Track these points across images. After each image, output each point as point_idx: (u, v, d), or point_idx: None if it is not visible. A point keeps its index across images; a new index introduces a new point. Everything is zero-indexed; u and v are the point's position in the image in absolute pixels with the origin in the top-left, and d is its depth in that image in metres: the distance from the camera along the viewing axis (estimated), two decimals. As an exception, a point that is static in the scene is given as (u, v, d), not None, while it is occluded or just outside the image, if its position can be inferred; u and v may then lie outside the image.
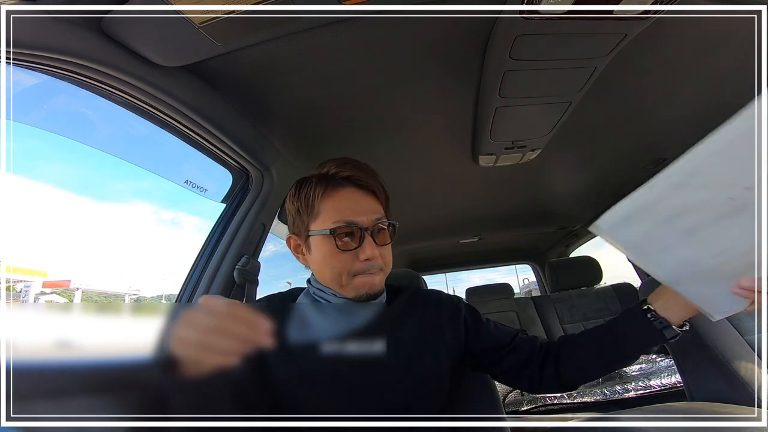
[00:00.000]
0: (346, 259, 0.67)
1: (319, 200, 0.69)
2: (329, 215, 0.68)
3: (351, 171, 0.70)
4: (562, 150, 1.40)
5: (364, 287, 0.68)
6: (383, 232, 0.70)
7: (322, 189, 0.69)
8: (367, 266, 0.67)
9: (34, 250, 15.42)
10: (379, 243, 0.69)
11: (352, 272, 0.67)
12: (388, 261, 0.71)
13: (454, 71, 0.93)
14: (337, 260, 0.67)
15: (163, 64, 0.75)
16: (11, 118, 0.66)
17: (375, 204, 0.70)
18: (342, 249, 0.66)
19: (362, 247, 0.66)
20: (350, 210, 0.67)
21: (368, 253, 0.66)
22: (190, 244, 1.51)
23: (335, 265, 0.68)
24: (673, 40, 0.88)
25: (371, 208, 0.69)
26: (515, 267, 4.37)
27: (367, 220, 0.67)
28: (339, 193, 0.69)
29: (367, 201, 0.70)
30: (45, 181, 11.94)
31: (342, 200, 0.68)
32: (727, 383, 0.79)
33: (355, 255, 0.66)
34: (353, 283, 0.68)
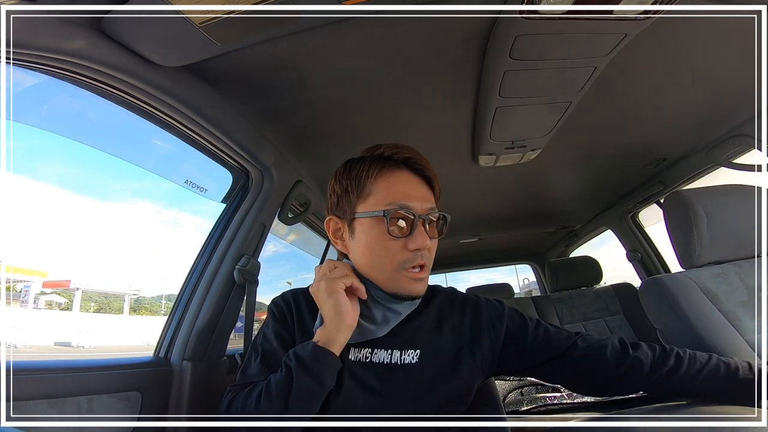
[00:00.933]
0: (394, 247, 0.62)
1: (372, 180, 0.65)
2: (382, 197, 0.63)
3: (409, 153, 0.67)
4: (562, 150, 1.40)
5: (410, 286, 0.64)
6: (434, 224, 0.66)
7: (377, 169, 0.65)
8: (414, 257, 0.62)
9: (34, 250, 15.49)
10: (430, 235, 0.65)
11: (398, 263, 0.63)
12: (432, 258, 0.67)
13: (454, 71, 0.93)
14: (383, 247, 0.63)
15: (163, 64, 0.75)
16: (11, 118, 0.66)
17: (429, 192, 0.67)
18: (393, 235, 0.62)
19: (413, 235, 0.62)
20: (405, 194, 0.63)
21: (419, 242, 0.61)
22: (190, 244, 1.51)
23: (381, 253, 0.63)
24: (673, 40, 0.88)
25: (425, 196, 0.66)
26: (515, 267, 4.37)
27: (420, 207, 0.63)
28: (395, 175, 0.65)
29: (423, 188, 0.66)
30: (46, 181, 11.93)
31: (397, 182, 0.64)
32: (727, 383, 0.78)
33: (404, 243, 0.62)
34: (399, 279, 0.63)
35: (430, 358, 0.64)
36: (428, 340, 0.66)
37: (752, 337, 0.82)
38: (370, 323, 0.65)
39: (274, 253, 1.86)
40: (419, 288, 0.65)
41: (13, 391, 0.61)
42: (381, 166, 0.66)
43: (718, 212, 0.94)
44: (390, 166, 0.66)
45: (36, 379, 0.67)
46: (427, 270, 0.66)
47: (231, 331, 1.06)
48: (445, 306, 0.72)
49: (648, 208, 1.99)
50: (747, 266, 0.92)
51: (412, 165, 0.67)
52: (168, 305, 5.31)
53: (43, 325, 8.27)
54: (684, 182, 1.61)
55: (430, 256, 0.66)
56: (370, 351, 0.65)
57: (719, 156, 1.37)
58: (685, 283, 0.90)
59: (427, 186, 0.68)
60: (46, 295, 8.92)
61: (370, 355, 0.64)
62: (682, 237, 0.96)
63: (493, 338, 0.68)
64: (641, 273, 2.11)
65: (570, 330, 0.72)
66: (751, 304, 0.86)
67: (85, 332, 7.97)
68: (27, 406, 0.65)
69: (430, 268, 0.67)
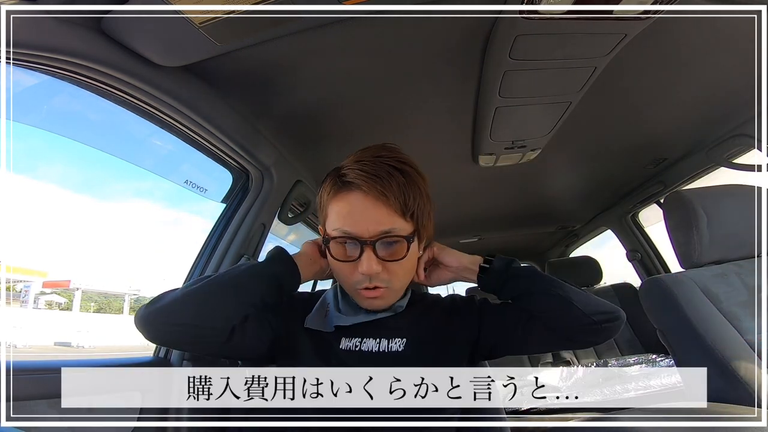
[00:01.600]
0: (347, 268, 0.64)
1: (327, 202, 0.66)
2: (332, 221, 0.65)
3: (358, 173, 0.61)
4: (562, 150, 1.40)
5: (364, 303, 0.67)
6: (394, 246, 0.63)
7: (333, 190, 0.65)
8: (365, 281, 0.63)
9: (34, 250, 15.51)
10: (386, 257, 0.63)
11: (352, 283, 0.66)
12: (397, 276, 0.65)
13: (454, 71, 0.93)
14: (338, 268, 0.66)
15: (163, 64, 0.74)
16: (11, 118, 0.66)
17: (385, 214, 0.61)
18: (338, 259, 0.64)
19: (360, 260, 0.62)
20: (351, 220, 0.62)
21: (364, 267, 0.61)
22: (190, 245, 1.51)
23: (338, 273, 0.68)
24: (673, 40, 0.88)
25: (376, 219, 0.61)
26: (515, 267, 4.36)
27: (368, 231, 0.61)
28: (344, 199, 0.63)
29: (375, 210, 0.61)
30: (46, 181, 12.00)
31: (345, 206, 0.63)
32: (727, 383, 0.78)
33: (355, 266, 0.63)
34: (357, 295, 0.67)
35: (416, 347, 0.67)
36: (414, 330, 0.69)
37: (752, 337, 0.82)
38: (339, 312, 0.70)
39: (274, 253, 1.86)
40: (377, 304, 0.67)
41: (13, 391, 0.61)
42: (337, 189, 0.64)
43: (718, 212, 0.94)
44: (343, 188, 0.63)
45: (36, 379, 0.67)
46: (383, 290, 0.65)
47: (231, 331, 1.06)
48: (431, 305, 0.77)
49: (648, 208, 1.99)
50: (747, 266, 0.92)
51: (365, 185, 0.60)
52: (168, 305, 5.27)
53: (43, 325, 8.27)
54: (684, 182, 1.61)
55: (388, 278, 0.64)
56: (360, 340, 0.67)
57: (719, 156, 1.37)
58: (685, 283, 0.90)
59: (384, 205, 0.61)
60: (46, 295, 8.92)
61: (359, 344, 0.67)
62: (682, 237, 0.96)
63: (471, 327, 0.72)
64: (641, 273, 2.11)
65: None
66: (751, 304, 0.86)
67: (85, 332, 7.97)
68: (27, 406, 0.65)
69: (397, 286, 0.67)
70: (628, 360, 1.75)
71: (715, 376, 0.81)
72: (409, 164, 0.66)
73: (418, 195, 0.64)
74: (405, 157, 0.67)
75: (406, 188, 0.62)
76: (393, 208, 0.61)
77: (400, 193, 0.61)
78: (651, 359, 1.70)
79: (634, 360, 1.73)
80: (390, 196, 0.60)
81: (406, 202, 0.62)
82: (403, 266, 0.66)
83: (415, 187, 0.64)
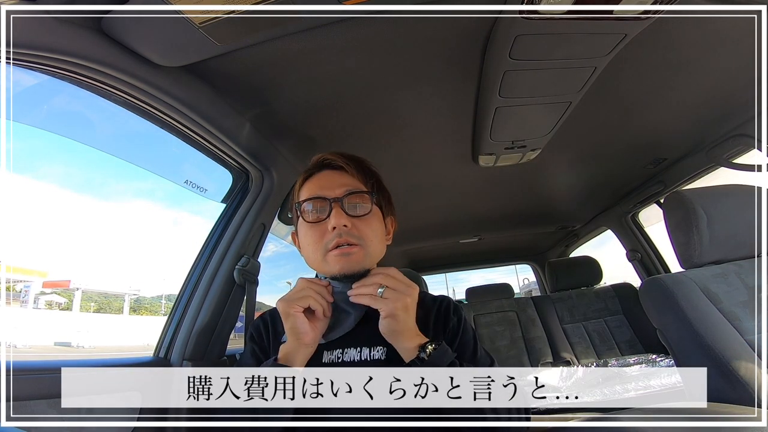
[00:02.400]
0: (317, 232, 0.68)
1: (299, 189, 0.74)
2: (303, 195, 0.72)
3: (322, 159, 0.73)
4: (562, 150, 1.40)
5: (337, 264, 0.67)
6: (360, 204, 0.69)
7: (303, 178, 0.75)
8: (336, 237, 0.66)
9: (34, 250, 15.51)
10: (353, 213, 0.68)
11: (323, 246, 0.67)
12: (366, 235, 0.68)
13: (454, 71, 0.93)
14: (309, 236, 0.69)
15: (163, 64, 0.75)
16: (11, 118, 0.66)
17: (347, 179, 0.71)
18: (310, 221, 0.69)
19: (329, 218, 0.67)
20: (319, 187, 0.70)
21: (333, 221, 0.66)
22: (190, 245, 1.51)
23: (308, 242, 0.69)
24: (673, 40, 0.88)
25: (341, 182, 0.70)
26: (515, 267, 4.37)
27: (334, 192, 0.68)
28: (314, 177, 0.73)
29: (341, 177, 0.71)
30: (47, 181, 11.98)
31: (314, 182, 0.72)
32: (727, 383, 0.78)
33: (326, 227, 0.67)
34: (329, 261, 0.67)
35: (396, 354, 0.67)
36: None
37: (752, 337, 0.82)
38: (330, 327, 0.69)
39: (274, 253, 1.86)
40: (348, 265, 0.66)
41: (13, 391, 0.61)
42: (306, 176, 0.74)
43: (718, 212, 0.94)
44: (311, 171, 0.74)
45: (36, 379, 0.67)
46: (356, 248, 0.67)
47: (231, 332, 1.06)
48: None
49: (648, 208, 1.99)
50: (747, 266, 0.92)
51: (329, 163, 0.72)
52: (168, 305, 5.31)
53: (43, 325, 8.27)
54: (684, 182, 1.61)
55: (361, 234, 0.67)
56: (341, 351, 0.68)
57: (719, 156, 1.37)
58: (685, 283, 0.90)
59: (345, 173, 0.71)
60: (46, 295, 8.93)
61: (341, 355, 0.68)
62: (682, 237, 0.96)
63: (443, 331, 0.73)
64: (641, 273, 2.11)
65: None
66: (751, 304, 0.86)
67: (85, 332, 7.97)
68: (27, 406, 0.65)
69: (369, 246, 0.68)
70: (628, 360, 1.75)
71: (715, 376, 0.81)
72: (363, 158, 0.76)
73: (375, 176, 0.74)
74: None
75: (364, 166, 0.73)
76: (355, 176, 0.71)
77: (359, 167, 0.72)
78: (651, 359, 1.70)
79: (634, 360, 1.73)
80: (351, 168, 0.71)
81: (365, 174, 0.72)
82: (370, 225, 0.69)
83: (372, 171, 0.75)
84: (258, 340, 0.75)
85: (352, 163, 0.72)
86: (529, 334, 2.16)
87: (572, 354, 2.04)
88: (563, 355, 2.04)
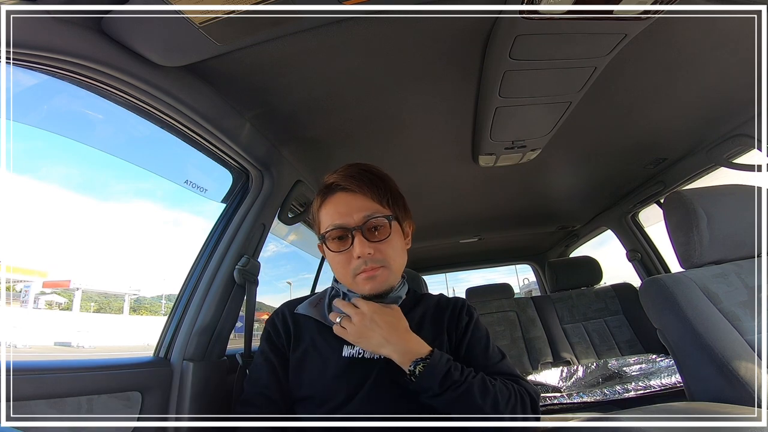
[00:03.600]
0: (344, 259, 0.71)
1: (318, 211, 0.77)
2: (323, 223, 0.74)
3: (338, 178, 0.74)
4: (562, 150, 1.40)
5: (366, 286, 0.71)
6: (379, 228, 0.72)
7: (320, 201, 0.77)
8: (362, 264, 0.70)
9: (34, 250, 15.47)
10: (374, 239, 0.71)
11: (351, 272, 0.71)
12: (389, 255, 0.72)
13: (454, 71, 0.93)
14: (336, 262, 0.73)
15: (163, 64, 0.74)
16: (11, 118, 0.66)
17: (365, 202, 0.72)
18: (335, 251, 0.72)
19: (353, 246, 0.70)
20: (338, 214, 0.72)
21: (357, 250, 0.69)
22: (190, 245, 1.50)
23: (337, 268, 0.74)
24: (673, 40, 0.88)
25: (358, 206, 0.71)
26: (515, 267, 4.37)
27: (353, 219, 0.70)
28: (330, 201, 0.74)
29: (357, 200, 0.72)
30: (48, 182, 11.94)
31: (332, 206, 0.74)
32: (727, 383, 0.78)
33: (351, 255, 0.70)
34: (357, 283, 0.72)
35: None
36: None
37: (752, 337, 0.82)
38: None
39: (274, 253, 1.86)
40: (374, 286, 0.72)
41: (13, 391, 0.61)
42: (323, 197, 0.76)
43: (718, 212, 0.94)
44: (328, 193, 0.76)
45: (36, 379, 0.67)
46: (380, 269, 0.71)
47: (231, 331, 1.06)
48: (429, 309, 0.80)
49: (648, 208, 1.99)
50: (747, 266, 0.92)
51: (344, 186, 0.73)
52: (168, 305, 5.30)
53: (43, 325, 8.27)
54: (684, 182, 1.61)
55: (381, 257, 0.71)
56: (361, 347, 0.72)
57: (719, 156, 1.37)
58: (685, 283, 0.90)
59: (363, 196, 0.72)
60: (46, 295, 8.93)
61: (362, 351, 0.72)
62: (682, 237, 0.96)
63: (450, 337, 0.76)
64: (641, 273, 2.11)
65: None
66: (751, 304, 0.86)
67: (85, 332, 7.97)
68: (27, 406, 0.65)
69: (392, 265, 0.73)
70: (628, 360, 1.75)
71: (715, 376, 0.80)
72: (376, 168, 0.78)
73: (388, 188, 0.76)
74: (372, 165, 0.79)
75: (377, 182, 0.74)
76: (370, 197, 0.73)
77: (373, 185, 0.73)
78: (651, 359, 1.70)
79: (634, 360, 1.73)
80: (366, 189, 0.72)
81: (379, 192, 0.73)
82: (391, 245, 0.73)
83: (383, 182, 0.75)
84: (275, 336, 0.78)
85: (365, 184, 0.73)
86: (529, 334, 2.16)
87: (572, 354, 2.04)
88: (563, 355, 2.04)
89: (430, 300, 0.83)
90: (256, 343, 1.11)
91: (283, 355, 0.75)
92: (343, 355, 0.71)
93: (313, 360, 0.72)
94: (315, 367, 0.71)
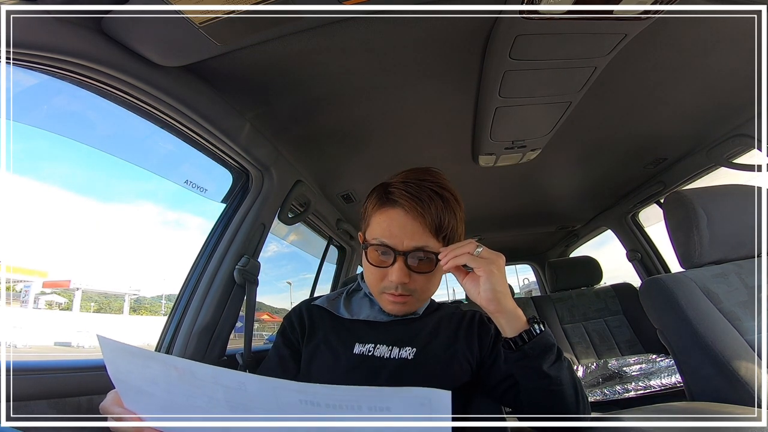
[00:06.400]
0: (378, 273, 0.70)
1: (372, 213, 0.72)
2: (373, 230, 0.70)
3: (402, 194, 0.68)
4: (562, 150, 1.40)
5: (389, 307, 0.72)
6: (424, 260, 0.68)
7: (378, 204, 0.71)
8: (392, 286, 0.68)
9: (34, 250, 15.35)
10: (416, 270, 0.68)
11: (380, 287, 0.71)
12: (422, 287, 0.70)
13: (454, 71, 0.93)
14: (370, 271, 0.72)
15: (163, 64, 0.75)
16: (11, 118, 0.66)
17: (419, 231, 0.67)
18: (374, 264, 0.70)
19: (392, 268, 0.67)
20: (389, 231, 0.68)
21: (393, 277, 0.67)
22: (190, 245, 1.50)
23: (368, 276, 0.73)
24: (673, 40, 0.88)
25: (412, 234, 0.67)
26: (515, 267, 4.37)
27: (403, 245, 0.67)
28: (387, 213, 0.69)
29: (411, 226, 0.67)
30: (50, 182, 11.86)
31: (386, 220, 0.69)
32: (727, 383, 0.78)
33: (386, 273, 0.69)
34: (382, 299, 0.72)
35: (425, 357, 0.70)
36: (425, 341, 0.72)
37: (752, 337, 0.82)
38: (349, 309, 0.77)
39: (274, 253, 1.86)
40: (397, 309, 0.72)
41: (13, 391, 0.61)
42: (382, 203, 0.70)
43: (718, 212, 0.94)
44: (387, 203, 0.69)
45: (36, 379, 0.67)
46: (409, 298, 0.70)
47: (231, 331, 1.06)
48: (444, 318, 0.78)
49: (648, 208, 1.99)
50: (747, 266, 0.92)
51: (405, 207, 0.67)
52: (168, 305, 5.29)
53: (43, 325, 8.26)
54: (684, 182, 1.61)
55: (419, 287, 0.70)
56: (373, 346, 0.71)
57: (719, 156, 1.37)
58: (685, 283, 0.90)
59: (421, 224, 0.66)
60: (46, 295, 8.91)
61: (372, 350, 0.71)
62: (682, 237, 0.96)
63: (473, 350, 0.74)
64: (641, 273, 2.11)
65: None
66: (751, 304, 0.86)
67: (85, 332, 7.96)
68: (27, 406, 0.65)
69: (423, 296, 0.72)
70: (628, 360, 1.75)
71: (715, 376, 0.81)
72: (448, 190, 0.70)
73: (452, 218, 0.69)
74: (446, 183, 0.72)
75: (443, 212, 0.67)
76: (428, 227, 0.67)
77: (437, 215, 0.67)
78: (651, 359, 1.70)
79: (634, 360, 1.73)
80: (427, 217, 0.66)
81: (441, 224, 0.67)
82: (429, 279, 0.70)
83: (450, 212, 0.69)
84: (290, 330, 0.77)
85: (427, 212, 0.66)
86: (529, 334, 2.15)
87: (572, 354, 2.04)
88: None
89: (448, 308, 0.83)
90: (256, 343, 1.11)
91: (295, 348, 0.76)
92: (354, 352, 0.71)
93: (324, 354, 0.72)
94: (325, 361, 0.71)
